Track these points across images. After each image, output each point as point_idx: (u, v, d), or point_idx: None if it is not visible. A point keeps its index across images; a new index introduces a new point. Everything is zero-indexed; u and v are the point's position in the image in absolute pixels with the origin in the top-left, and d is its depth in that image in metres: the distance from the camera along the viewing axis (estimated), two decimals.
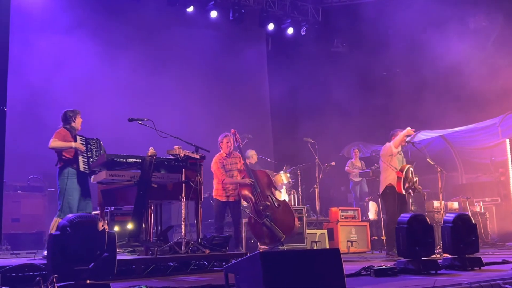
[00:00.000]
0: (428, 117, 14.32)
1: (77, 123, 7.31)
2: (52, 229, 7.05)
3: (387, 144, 9.19)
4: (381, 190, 9.05)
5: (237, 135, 8.90)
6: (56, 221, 7.06)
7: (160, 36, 14.01)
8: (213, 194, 8.71)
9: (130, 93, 12.61)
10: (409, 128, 8.95)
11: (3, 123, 7.70)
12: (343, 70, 15.15)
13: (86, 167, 7.05)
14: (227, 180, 8.50)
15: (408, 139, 9.27)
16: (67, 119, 7.26)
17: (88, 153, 7.13)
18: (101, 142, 7.40)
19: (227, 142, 8.64)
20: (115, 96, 12.31)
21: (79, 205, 7.04)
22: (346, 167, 13.51)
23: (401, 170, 8.75)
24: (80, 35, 12.12)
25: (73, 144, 7.02)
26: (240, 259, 3.76)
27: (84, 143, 7.15)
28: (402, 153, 9.17)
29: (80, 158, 7.05)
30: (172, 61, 13.90)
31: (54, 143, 6.99)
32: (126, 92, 12.58)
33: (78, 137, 7.16)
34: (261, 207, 8.41)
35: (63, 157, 7.07)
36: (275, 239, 8.35)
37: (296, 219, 8.69)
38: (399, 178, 8.69)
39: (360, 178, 13.46)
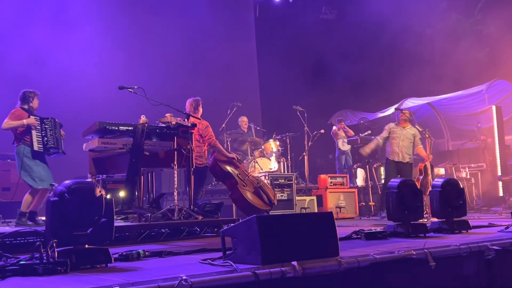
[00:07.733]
0: (415, 84, 14.40)
1: (35, 103, 7.31)
2: (23, 206, 7.11)
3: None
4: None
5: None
6: (26, 197, 7.14)
7: (146, 2, 13.82)
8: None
9: (119, 60, 12.48)
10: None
11: None
12: (332, 37, 15.13)
13: (41, 146, 7.05)
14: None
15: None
16: (25, 99, 7.28)
17: (43, 132, 7.10)
18: (57, 121, 7.32)
19: None
20: (103, 63, 12.21)
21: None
22: (331, 132, 13.30)
23: (421, 170, 9.12)
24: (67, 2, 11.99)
25: (24, 121, 7.03)
26: (236, 223, 3.82)
27: (38, 122, 7.11)
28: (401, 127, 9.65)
29: (35, 137, 7.04)
30: (158, 28, 13.74)
31: (6, 124, 7.02)
32: (114, 59, 12.45)
33: (32, 117, 7.13)
34: (246, 177, 8.08)
35: (18, 136, 7.11)
36: (262, 207, 8.00)
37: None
38: (418, 178, 9.05)
39: (349, 147, 13.39)
